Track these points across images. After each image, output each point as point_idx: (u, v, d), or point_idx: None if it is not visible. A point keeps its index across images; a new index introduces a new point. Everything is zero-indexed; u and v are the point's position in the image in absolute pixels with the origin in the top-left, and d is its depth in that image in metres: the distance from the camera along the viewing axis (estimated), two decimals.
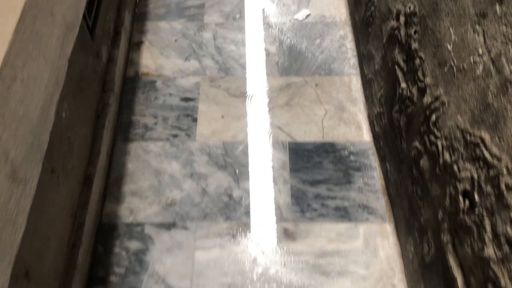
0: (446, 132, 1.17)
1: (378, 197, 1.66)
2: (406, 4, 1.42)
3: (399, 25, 1.48)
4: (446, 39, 1.18)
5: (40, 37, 0.80)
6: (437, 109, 1.22)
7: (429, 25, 1.27)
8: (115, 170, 1.71)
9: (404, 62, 1.45)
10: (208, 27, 2.16)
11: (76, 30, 1.01)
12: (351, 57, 2.04)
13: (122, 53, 1.94)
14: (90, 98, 1.62)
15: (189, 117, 1.85)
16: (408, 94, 1.41)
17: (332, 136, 1.80)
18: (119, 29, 1.96)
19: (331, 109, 1.88)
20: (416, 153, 1.36)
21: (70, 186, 1.41)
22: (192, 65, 2.02)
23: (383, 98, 1.66)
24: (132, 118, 1.85)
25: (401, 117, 1.48)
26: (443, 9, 1.19)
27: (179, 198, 1.64)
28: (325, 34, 2.13)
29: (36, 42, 0.78)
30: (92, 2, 1.65)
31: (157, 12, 2.21)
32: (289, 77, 1.99)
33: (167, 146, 1.77)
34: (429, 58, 1.27)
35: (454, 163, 1.12)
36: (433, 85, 1.25)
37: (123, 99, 1.90)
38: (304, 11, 2.21)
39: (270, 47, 2.09)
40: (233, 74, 1.99)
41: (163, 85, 1.95)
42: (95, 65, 1.67)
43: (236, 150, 1.76)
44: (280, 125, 1.84)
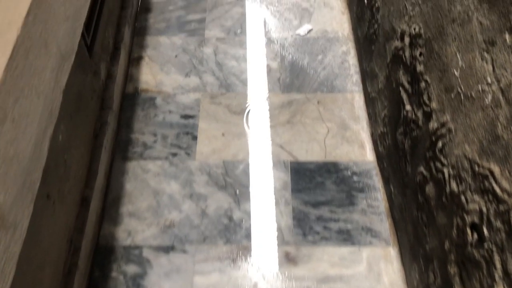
0: (453, 160, 1.13)
1: (381, 219, 1.62)
2: (411, 25, 1.39)
3: (404, 46, 1.45)
4: (453, 64, 1.15)
5: (33, 72, 0.77)
6: (443, 136, 1.18)
7: (435, 49, 1.24)
8: (113, 190, 1.67)
9: (409, 84, 1.41)
10: (209, 42, 2.13)
11: (72, 59, 0.98)
12: (354, 73, 2.01)
13: (121, 69, 1.91)
14: (88, 117, 1.58)
15: (189, 135, 1.82)
16: (413, 117, 1.38)
17: (335, 156, 1.77)
18: (118, 45, 1.93)
19: (334, 127, 1.85)
20: (421, 179, 1.32)
21: (66, 210, 1.37)
22: (193, 81, 1.99)
23: (387, 118, 1.63)
24: (131, 136, 1.81)
25: (406, 140, 1.44)
26: (450, 34, 1.16)
27: (178, 220, 1.61)
28: (327, 50, 2.10)
29: (29, 77, 0.75)
30: (91, 19, 1.63)
31: (157, 27, 2.19)
32: (290, 94, 1.95)
33: (166, 165, 1.73)
34: (435, 82, 1.24)
35: (461, 193, 1.09)
36: (439, 111, 1.21)
37: (122, 116, 1.87)
38: (306, 26, 2.18)
39: (272, 63, 2.06)
40: (234, 91, 1.96)
41: (162, 102, 1.92)
42: (93, 84, 1.64)
43: (236, 170, 1.73)
44: (282, 143, 1.80)
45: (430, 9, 1.27)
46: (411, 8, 1.40)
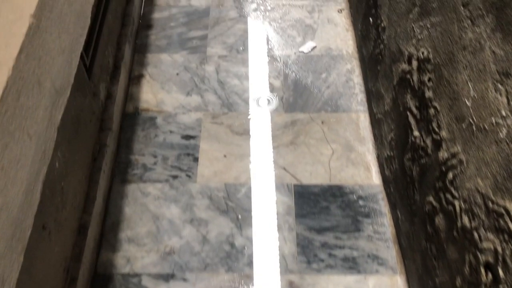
0: (464, 194, 1.09)
1: (388, 246, 1.57)
2: (419, 49, 1.35)
3: (411, 70, 1.40)
4: (464, 93, 1.10)
5: (25, 113, 0.73)
6: (454, 167, 1.14)
7: (445, 75, 1.20)
8: (111, 215, 1.63)
9: (417, 109, 1.37)
10: (211, 59, 2.09)
11: (67, 93, 0.94)
12: (359, 92, 1.97)
13: (121, 88, 1.87)
14: (87, 141, 1.54)
15: (190, 156, 1.78)
16: (421, 143, 1.33)
17: (340, 179, 1.72)
18: (118, 64, 1.90)
19: (339, 149, 1.80)
20: (430, 209, 1.28)
21: (63, 239, 1.33)
22: (194, 100, 1.95)
23: (393, 142, 1.58)
24: (130, 158, 1.77)
25: (414, 166, 1.39)
26: (460, 61, 1.12)
27: (178, 247, 1.56)
28: (332, 68, 2.06)
29: (20, 120, 0.71)
30: (90, 39, 1.59)
31: (158, 44, 2.15)
32: (294, 114, 1.91)
33: (166, 188, 1.69)
34: (444, 110, 1.19)
35: (474, 229, 1.04)
36: (449, 140, 1.17)
37: (122, 137, 1.83)
38: (309, 43, 2.14)
39: (275, 81, 2.02)
40: (236, 110, 1.92)
41: (163, 122, 1.88)
42: (92, 105, 1.61)
43: (238, 193, 1.68)
44: (285, 165, 1.76)
45: (439, 34, 1.23)
46: (419, 31, 1.36)
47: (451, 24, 1.17)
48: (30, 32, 0.74)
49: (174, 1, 2.33)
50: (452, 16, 1.16)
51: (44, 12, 0.79)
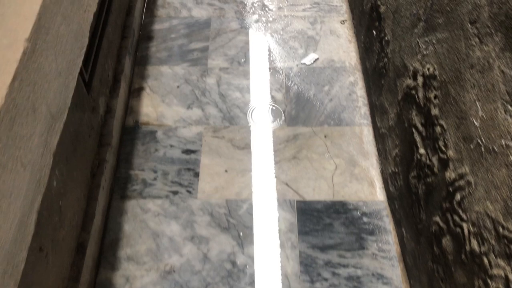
0: (473, 216, 1.05)
1: (393, 264, 1.53)
2: (425, 65, 1.32)
3: (417, 86, 1.38)
4: (471, 113, 1.07)
5: (19, 142, 0.70)
6: (462, 188, 1.11)
7: (451, 93, 1.17)
8: (110, 232, 1.60)
9: (423, 126, 1.34)
10: (212, 72, 2.07)
11: (64, 117, 0.91)
12: (362, 105, 1.94)
13: (121, 102, 1.85)
14: (85, 157, 1.52)
15: (191, 171, 1.75)
16: (427, 162, 1.30)
17: (343, 194, 1.69)
18: (118, 77, 1.87)
19: (342, 164, 1.77)
20: (437, 229, 1.24)
21: (61, 259, 1.30)
22: (195, 114, 1.92)
23: (398, 158, 1.55)
24: (130, 173, 1.74)
25: (420, 184, 1.36)
26: (468, 79, 1.09)
27: (178, 265, 1.52)
28: (334, 80, 2.03)
29: (13, 150, 0.69)
30: (89, 53, 1.57)
31: (159, 56, 2.13)
32: (296, 127, 1.88)
33: (166, 205, 1.66)
34: (451, 128, 1.16)
35: (483, 254, 1.01)
36: (456, 160, 1.14)
37: (121, 151, 1.80)
38: (312, 55, 2.12)
39: (277, 94, 1.99)
40: (238, 124, 1.89)
41: (163, 136, 1.85)
42: (91, 120, 1.58)
43: (240, 210, 1.65)
44: (288, 181, 1.73)
45: (445, 51, 1.20)
46: (424, 47, 1.34)
47: (458, 41, 1.14)
48: (24, 58, 0.71)
49: (175, 12, 2.31)
50: (459, 33, 1.14)
51: (40, 35, 0.77)
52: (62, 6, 0.85)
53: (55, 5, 0.82)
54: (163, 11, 2.32)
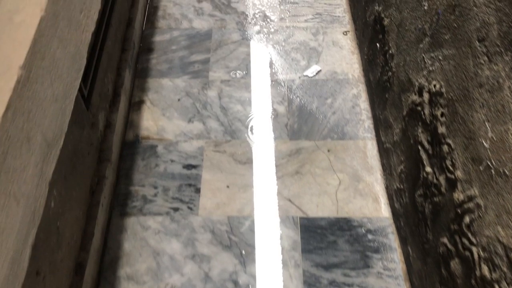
0: (483, 241, 1.02)
1: (399, 284, 1.50)
2: (431, 81, 1.29)
3: (423, 102, 1.35)
4: (481, 133, 1.04)
5: (11, 176, 0.67)
6: (471, 211, 1.07)
7: (459, 112, 1.14)
8: (110, 251, 1.56)
9: (429, 144, 1.31)
10: (213, 84, 2.04)
11: (60, 142, 0.88)
12: (366, 119, 1.91)
13: (121, 116, 1.82)
14: (84, 174, 1.49)
15: (192, 187, 1.72)
16: (434, 181, 1.27)
17: (348, 211, 1.66)
18: (118, 90, 1.84)
19: (346, 179, 1.74)
20: (445, 251, 1.21)
21: (59, 281, 1.26)
22: (196, 127, 1.89)
23: (403, 175, 1.52)
24: (130, 189, 1.71)
25: (426, 203, 1.33)
26: (477, 99, 1.06)
27: (179, 285, 1.49)
28: (337, 93, 2.01)
29: (6, 184, 0.66)
30: (89, 68, 1.54)
31: (159, 68, 2.10)
32: (299, 141, 1.85)
33: (167, 222, 1.63)
34: (459, 148, 1.13)
35: (495, 282, 0.97)
36: (465, 181, 1.10)
37: (121, 166, 1.77)
38: (314, 67, 2.09)
39: (279, 107, 1.96)
40: (239, 138, 1.87)
41: (164, 150, 1.82)
42: (91, 137, 1.55)
43: (242, 227, 1.62)
44: (290, 197, 1.69)
45: (452, 68, 1.17)
46: (430, 63, 1.31)
47: (466, 59, 1.11)
48: (18, 86, 0.68)
49: (175, 23, 2.29)
50: (466, 51, 1.11)
51: (35, 60, 0.74)
52: (58, 29, 0.83)
53: (51, 28, 0.80)
54: (164, 22, 2.30)
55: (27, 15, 0.73)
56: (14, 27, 0.72)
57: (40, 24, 0.74)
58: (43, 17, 0.74)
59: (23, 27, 0.72)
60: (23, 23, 0.72)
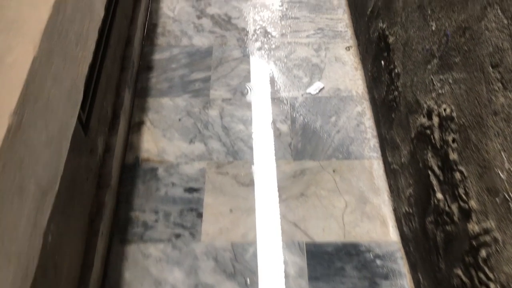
0: (502, 278, 0.97)
1: None
2: (440, 104, 1.25)
3: (432, 126, 1.30)
4: (496, 163, 0.99)
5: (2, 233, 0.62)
6: (487, 245, 1.02)
7: (472, 139, 1.09)
8: (110, 281, 1.51)
9: (440, 169, 1.26)
10: (215, 103, 2.00)
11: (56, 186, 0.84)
12: (371, 137, 1.86)
13: (120, 138, 1.78)
14: (83, 203, 1.44)
15: (194, 211, 1.67)
16: (446, 208, 1.22)
17: (355, 235, 1.61)
18: (117, 112, 1.80)
19: (352, 201, 1.69)
20: (459, 283, 1.16)
21: None
22: (197, 148, 1.85)
23: (412, 198, 1.47)
24: (130, 215, 1.66)
25: (438, 231, 1.28)
26: (491, 127, 1.01)
27: None
28: (341, 111, 1.96)
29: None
30: (87, 91, 1.50)
31: (159, 87, 2.06)
32: (303, 162, 1.80)
33: (168, 249, 1.58)
34: (473, 177, 1.09)
35: None
36: (480, 212, 1.06)
37: (121, 191, 1.73)
38: (317, 84, 2.05)
39: (282, 126, 1.92)
40: (242, 159, 1.82)
41: (165, 173, 1.77)
42: (89, 163, 1.51)
43: (246, 254, 1.57)
44: (296, 220, 1.65)
45: (463, 92, 1.13)
46: (439, 85, 1.26)
47: (478, 84, 1.06)
48: (9, 135, 0.64)
49: (175, 41, 2.25)
50: (479, 76, 1.06)
51: (28, 104, 0.69)
52: (53, 66, 0.78)
53: (45, 66, 0.75)
54: (163, 39, 2.26)
55: (19, 55, 0.69)
56: (4, 69, 0.68)
57: (33, 64, 0.70)
58: (36, 57, 0.70)
59: (14, 69, 0.68)
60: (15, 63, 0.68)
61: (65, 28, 0.82)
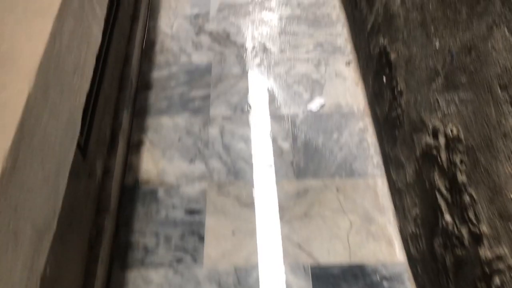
0: None
1: None
2: (446, 124, 1.22)
3: (438, 146, 1.27)
4: (508, 188, 0.96)
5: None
6: (501, 272, 0.99)
7: (481, 162, 1.06)
8: None
9: (447, 191, 1.23)
10: (215, 121, 1.97)
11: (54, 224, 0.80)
12: (374, 154, 1.84)
13: (119, 160, 1.74)
14: (82, 229, 1.40)
15: (195, 234, 1.63)
16: (455, 231, 1.19)
17: (361, 256, 1.57)
18: (116, 133, 1.77)
19: (357, 220, 1.66)
20: None
21: None
22: (198, 168, 1.82)
23: (419, 219, 1.43)
24: (130, 239, 1.63)
25: (447, 254, 1.25)
26: (502, 150, 0.98)
27: None
28: (343, 127, 1.93)
29: None
30: (85, 114, 1.47)
31: (158, 106, 2.03)
32: (306, 180, 1.77)
33: (170, 275, 1.54)
34: (483, 201, 1.06)
35: None
36: (492, 238, 1.02)
37: (121, 214, 1.69)
38: (318, 100, 2.02)
39: (283, 143, 1.89)
40: (244, 178, 1.79)
41: (165, 195, 1.74)
42: (88, 187, 1.47)
43: (250, 278, 1.53)
44: (300, 242, 1.61)
45: (471, 114, 1.10)
46: (444, 105, 1.24)
47: (486, 106, 1.04)
48: (3, 180, 0.61)
49: (174, 58, 2.23)
50: (487, 97, 1.04)
51: (23, 144, 0.66)
52: (49, 101, 0.75)
53: (41, 102, 0.72)
54: (162, 57, 2.24)
55: (13, 92, 0.66)
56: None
57: (28, 101, 0.67)
58: (31, 94, 0.67)
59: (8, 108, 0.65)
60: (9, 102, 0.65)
61: (61, 58, 0.79)
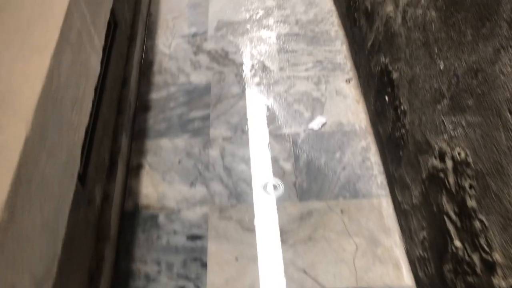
0: None
1: None
2: (454, 147, 1.19)
3: (446, 169, 1.24)
4: None
5: None
6: None
7: (492, 187, 1.03)
8: None
9: (457, 216, 1.20)
10: (215, 142, 1.94)
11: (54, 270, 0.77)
12: (378, 174, 1.81)
13: (119, 185, 1.71)
14: (82, 259, 1.36)
15: (197, 261, 1.59)
16: (466, 258, 1.16)
17: (368, 280, 1.53)
18: (115, 158, 1.74)
19: (363, 243, 1.62)
20: None
21: None
22: (199, 192, 1.78)
23: (427, 242, 1.40)
24: (131, 267, 1.58)
25: (458, 281, 1.21)
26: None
27: None
28: (345, 146, 1.91)
29: None
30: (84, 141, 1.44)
31: (157, 128, 2.01)
32: (309, 202, 1.74)
33: None
34: (495, 228, 1.02)
35: None
36: (506, 267, 0.99)
37: (121, 241, 1.65)
38: (319, 119, 2.00)
39: (285, 164, 1.86)
40: (246, 201, 1.75)
41: (166, 220, 1.70)
42: (88, 215, 1.43)
43: None
44: (305, 267, 1.57)
45: (479, 137, 1.08)
46: (451, 127, 1.21)
47: (496, 131, 1.01)
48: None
49: (172, 79, 2.21)
50: (495, 121, 1.01)
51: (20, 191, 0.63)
52: (47, 140, 0.73)
53: (39, 143, 0.70)
54: (160, 77, 2.22)
55: (10, 135, 0.64)
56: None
57: (25, 144, 0.64)
58: (28, 136, 0.65)
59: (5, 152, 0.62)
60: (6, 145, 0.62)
61: (60, 95, 0.77)
